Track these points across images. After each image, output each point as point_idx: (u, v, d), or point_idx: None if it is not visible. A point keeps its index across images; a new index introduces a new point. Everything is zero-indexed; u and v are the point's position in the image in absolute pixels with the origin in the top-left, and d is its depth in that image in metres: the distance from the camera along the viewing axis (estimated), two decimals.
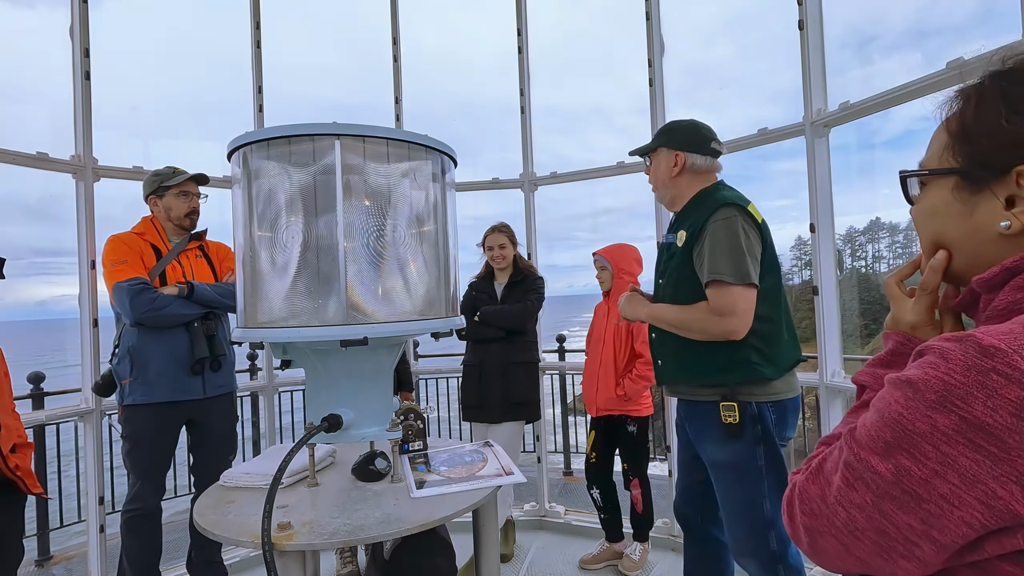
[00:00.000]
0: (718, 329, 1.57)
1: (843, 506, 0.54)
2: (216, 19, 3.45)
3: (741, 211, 1.63)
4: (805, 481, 0.60)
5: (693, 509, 1.89)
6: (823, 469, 0.58)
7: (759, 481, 1.61)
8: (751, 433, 1.61)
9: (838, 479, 0.55)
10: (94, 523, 2.52)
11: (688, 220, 1.72)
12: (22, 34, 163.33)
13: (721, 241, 1.58)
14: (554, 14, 3.80)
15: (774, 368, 1.62)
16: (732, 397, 1.61)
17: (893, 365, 0.67)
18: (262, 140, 1.28)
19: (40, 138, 2.32)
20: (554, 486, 4.22)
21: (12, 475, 1.32)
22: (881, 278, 8.21)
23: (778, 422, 1.64)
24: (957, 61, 1.85)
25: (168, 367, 2.24)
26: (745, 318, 1.56)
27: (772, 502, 1.61)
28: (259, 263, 1.32)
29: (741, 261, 1.56)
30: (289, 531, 1.20)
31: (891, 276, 0.73)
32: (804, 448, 5.10)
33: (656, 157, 1.83)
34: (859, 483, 0.52)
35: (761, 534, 1.62)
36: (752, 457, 1.61)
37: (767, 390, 1.62)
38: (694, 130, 1.79)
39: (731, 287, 1.55)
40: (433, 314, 1.39)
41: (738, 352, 1.61)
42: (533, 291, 2.94)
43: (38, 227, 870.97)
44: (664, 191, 1.83)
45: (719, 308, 1.56)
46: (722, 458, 1.66)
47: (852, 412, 0.67)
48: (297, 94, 4.73)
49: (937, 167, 0.63)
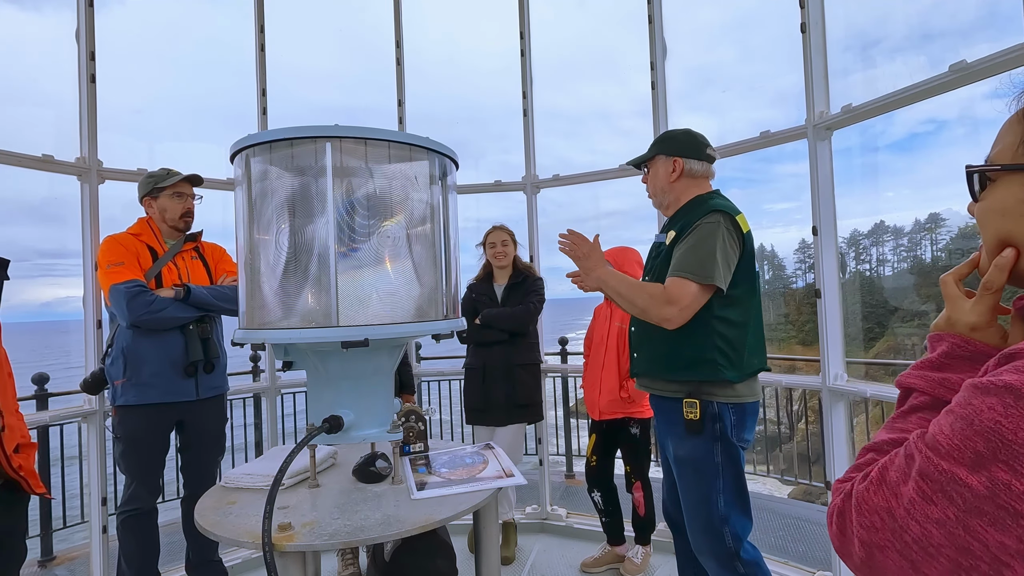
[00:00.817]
0: (655, 312, 1.63)
1: (917, 520, 0.49)
2: (221, 23, 3.48)
3: (728, 219, 1.70)
4: (865, 491, 0.55)
5: (677, 509, 1.91)
6: (886, 478, 0.54)
7: (715, 477, 1.68)
8: (710, 430, 1.67)
9: (910, 491, 0.50)
10: (96, 524, 2.53)
11: (679, 221, 1.79)
12: (28, 37, 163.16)
13: (699, 242, 1.65)
14: (556, 17, 3.80)
15: (736, 372, 1.68)
16: (696, 395, 1.68)
17: (947, 368, 0.62)
18: (264, 143, 1.29)
19: (45, 140, 2.35)
20: (556, 489, 4.22)
21: (16, 475, 1.33)
22: (881, 281, 8.10)
23: (737, 424, 1.70)
24: (960, 64, 1.85)
25: (162, 369, 2.25)
26: (685, 312, 1.62)
27: (726, 499, 1.68)
28: (260, 264, 1.33)
29: (709, 262, 1.62)
30: (289, 532, 1.20)
31: (948, 274, 0.68)
32: (807, 452, 5.08)
33: (654, 164, 1.90)
34: (940, 496, 0.48)
35: (717, 531, 1.68)
36: (710, 454, 1.68)
37: (728, 392, 1.69)
38: (689, 137, 1.88)
39: (688, 282, 1.61)
40: (434, 316, 1.39)
41: (705, 352, 1.67)
42: (534, 292, 2.94)
43: (42, 229, 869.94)
44: (662, 196, 1.90)
45: (668, 296, 1.62)
46: (682, 453, 1.73)
47: (899, 417, 0.63)
48: (301, 97, 4.77)
49: (1011, 162, 0.58)
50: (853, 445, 2.46)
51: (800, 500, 5.44)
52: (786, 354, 25.50)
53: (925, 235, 40.74)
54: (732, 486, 1.69)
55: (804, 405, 5.86)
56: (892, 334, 27.02)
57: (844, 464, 2.32)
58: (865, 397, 2.25)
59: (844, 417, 2.36)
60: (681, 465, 1.74)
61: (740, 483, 1.71)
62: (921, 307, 27.72)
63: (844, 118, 2.27)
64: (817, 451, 4.87)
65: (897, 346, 25.38)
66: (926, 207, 74.47)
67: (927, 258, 40.34)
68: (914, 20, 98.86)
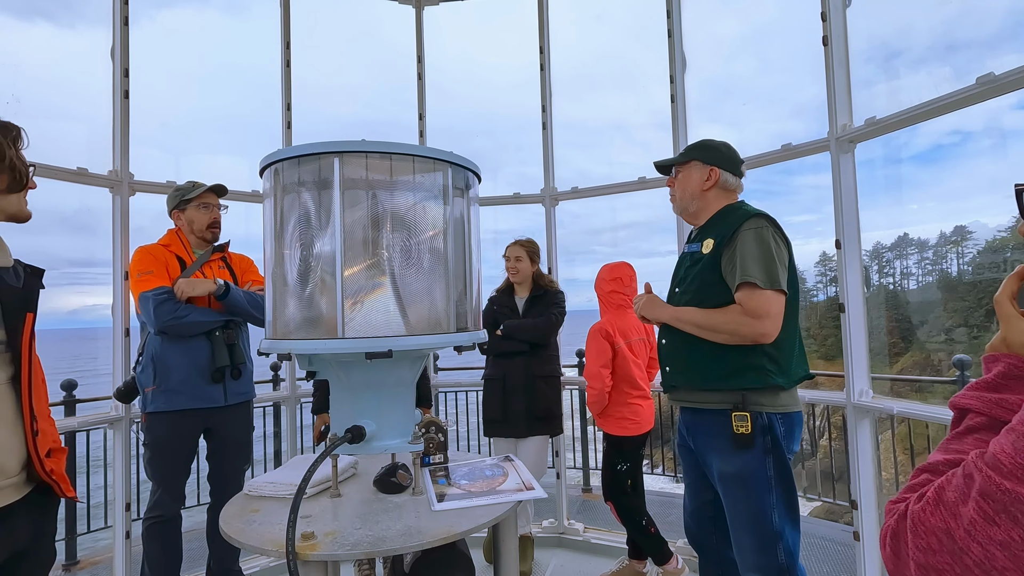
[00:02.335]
0: (749, 331, 1.58)
1: (979, 542, 0.48)
2: (248, 39, 3.59)
3: (772, 223, 1.68)
4: (922, 511, 0.53)
5: (705, 531, 1.86)
6: (944, 499, 0.52)
7: (767, 492, 1.61)
8: (761, 444, 1.62)
9: (971, 512, 0.49)
10: (120, 529, 2.57)
11: (715, 230, 1.76)
12: (63, 54, 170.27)
13: (753, 248, 1.62)
14: (576, 31, 3.84)
15: (786, 378, 1.64)
16: (744, 407, 1.62)
17: (1004, 389, 0.61)
18: (293, 157, 1.32)
19: (77, 153, 2.42)
20: (573, 503, 4.18)
21: (48, 479, 1.36)
22: (907, 296, 7.91)
23: (786, 434, 1.65)
24: (988, 76, 1.82)
25: (189, 375, 2.30)
26: (777, 321, 1.59)
27: (780, 514, 1.61)
28: (287, 276, 1.35)
29: (772, 267, 1.60)
30: (312, 541, 1.21)
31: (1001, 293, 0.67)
32: (831, 469, 4.97)
33: (687, 169, 1.87)
34: (1003, 517, 0.46)
35: (770, 547, 1.61)
36: (762, 468, 1.62)
37: (776, 401, 1.64)
38: (729, 150, 1.87)
39: (763, 291, 1.57)
40: (456, 328, 1.40)
41: (752, 358, 1.62)
42: (555, 305, 2.95)
43: (73, 238, 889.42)
44: (691, 203, 1.87)
45: (752, 310, 1.57)
46: (731, 470, 1.66)
47: (954, 439, 0.62)
48: (324, 111, 4.91)
49: None
50: (879, 463, 2.41)
51: (823, 519, 5.32)
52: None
53: (951, 248, 39.89)
54: (784, 500, 1.62)
55: (827, 421, 5.75)
56: (918, 349, 26.38)
57: (870, 483, 2.27)
58: (892, 414, 2.20)
59: (870, 434, 2.31)
60: (729, 482, 1.67)
61: (792, 497, 1.64)
62: (947, 322, 27.05)
63: (868, 131, 2.24)
64: (840, 468, 4.76)
65: (923, 361, 24.76)
66: (952, 220, 73.41)
67: (953, 271, 39.46)
68: (938, 30, 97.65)
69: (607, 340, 2.69)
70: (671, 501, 4.33)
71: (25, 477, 1.33)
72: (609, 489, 2.74)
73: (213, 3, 4.32)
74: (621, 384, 2.70)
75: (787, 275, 1.65)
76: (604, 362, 2.66)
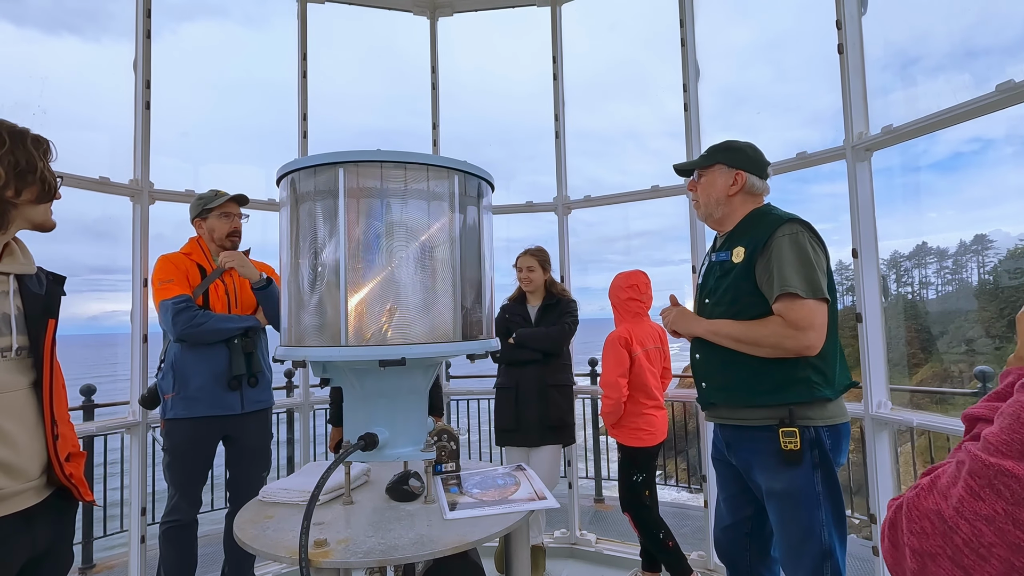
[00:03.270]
0: (793, 344, 1.51)
1: (966, 519, 0.48)
2: (266, 51, 3.66)
3: (807, 227, 1.61)
4: (916, 497, 0.54)
5: (739, 547, 1.80)
6: (937, 484, 0.53)
7: (817, 508, 1.54)
8: (810, 459, 1.54)
9: (959, 490, 0.49)
10: (135, 533, 2.60)
11: (745, 236, 1.68)
12: (88, 66, 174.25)
13: (790, 255, 1.55)
14: (589, 41, 3.85)
15: (832, 389, 1.57)
16: (791, 422, 1.54)
17: None
18: (309, 167, 1.34)
19: (100, 163, 2.47)
20: (585, 513, 4.14)
21: (67, 482, 1.38)
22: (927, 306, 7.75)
23: (833, 447, 1.58)
24: (1007, 84, 1.80)
25: (207, 382, 2.33)
26: (821, 332, 1.52)
27: (830, 531, 1.54)
28: (303, 284, 1.37)
29: (812, 275, 1.53)
30: (325, 548, 1.21)
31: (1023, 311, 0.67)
32: (849, 483, 4.88)
33: (711, 173, 1.78)
34: (987, 491, 0.47)
35: (819, 566, 1.54)
36: (810, 484, 1.54)
37: (823, 413, 1.57)
38: (755, 151, 1.79)
39: (805, 301, 1.51)
40: (469, 336, 1.40)
41: (797, 370, 1.55)
42: (568, 314, 2.94)
43: (94, 246, 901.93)
44: (716, 208, 1.78)
45: (795, 322, 1.50)
46: (779, 487, 1.58)
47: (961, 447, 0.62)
48: (340, 121, 4.96)
49: None
50: (899, 476, 2.36)
51: None
52: None
53: (971, 257, 39.15)
54: (834, 516, 1.55)
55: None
56: (937, 360, 25.86)
57: (889, 496, 2.23)
58: (911, 426, 2.16)
59: (889, 447, 2.27)
60: (778, 499, 1.59)
61: (841, 512, 1.57)
62: (968, 332, 26.51)
63: (884, 139, 2.22)
64: (858, 481, 4.67)
65: (943, 373, 24.27)
66: (972, 228, 71.94)
67: (973, 281, 38.70)
68: (956, 37, 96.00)
69: (625, 348, 2.67)
70: (684, 512, 4.27)
71: (45, 480, 1.36)
72: (627, 501, 2.72)
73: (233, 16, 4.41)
74: (636, 394, 2.69)
75: (827, 281, 1.58)
76: (622, 371, 2.64)
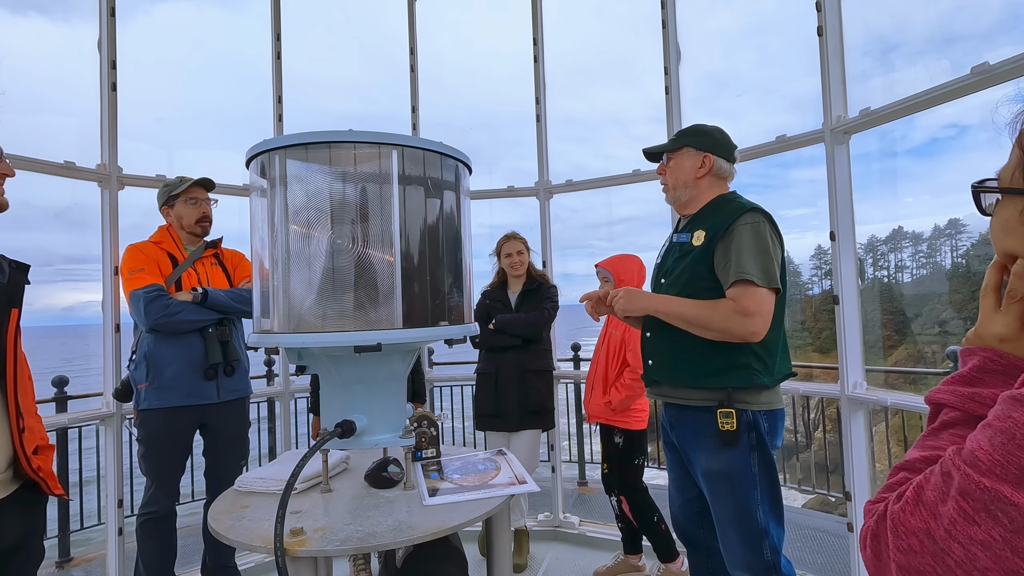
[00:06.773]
0: (740, 329, 1.55)
1: (960, 543, 0.47)
2: (239, 32, 3.53)
3: (768, 218, 1.65)
4: (901, 512, 0.53)
5: (694, 525, 1.85)
6: (923, 498, 0.51)
7: (753, 488, 1.61)
8: (747, 440, 1.60)
9: (951, 511, 0.48)
10: (113, 526, 2.56)
11: (708, 221, 1.70)
12: (55, 48, 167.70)
13: (749, 243, 1.58)
14: (570, 23, 3.81)
15: (771, 377, 1.63)
16: (730, 404, 1.60)
17: (979, 383, 0.60)
18: (279, 148, 1.30)
19: (69, 148, 2.38)
20: (568, 496, 4.19)
21: (35, 476, 1.34)
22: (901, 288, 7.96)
23: (770, 431, 1.64)
24: (982, 66, 1.81)
25: (182, 372, 2.28)
26: (767, 320, 1.57)
27: (765, 511, 1.61)
28: (275, 269, 1.34)
29: (768, 264, 1.57)
30: (301, 537, 1.20)
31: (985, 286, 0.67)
32: (825, 461, 5.00)
33: (679, 156, 1.80)
34: (983, 516, 0.46)
35: (756, 543, 1.61)
36: (747, 465, 1.61)
37: (760, 399, 1.63)
38: (722, 135, 1.81)
39: (758, 288, 1.55)
40: (447, 321, 1.39)
41: (740, 356, 1.60)
42: (548, 299, 2.94)
43: (67, 234, 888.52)
44: (683, 191, 1.80)
45: (746, 308, 1.54)
46: (716, 467, 1.64)
47: (930, 435, 0.61)
48: (316, 104, 4.80)
49: (1008, 185, 0.59)
50: (873, 455, 2.41)
51: (817, 510, 5.34)
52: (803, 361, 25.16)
53: (945, 241, 40.05)
54: (769, 496, 1.61)
55: (821, 413, 5.77)
56: (912, 342, 26.53)
57: (864, 474, 2.28)
58: (885, 406, 2.20)
59: (864, 426, 2.31)
60: (714, 479, 1.65)
61: (776, 493, 1.63)
62: (941, 314, 27.20)
63: (862, 122, 2.23)
64: (835, 460, 4.78)
65: (917, 354, 24.91)
66: (946, 213, 73.51)
67: (947, 264, 39.62)
68: (934, 23, 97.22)
69: None
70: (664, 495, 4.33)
71: (12, 475, 1.32)
72: (628, 485, 2.70)
73: None
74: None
75: (780, 272, 1.62)
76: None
